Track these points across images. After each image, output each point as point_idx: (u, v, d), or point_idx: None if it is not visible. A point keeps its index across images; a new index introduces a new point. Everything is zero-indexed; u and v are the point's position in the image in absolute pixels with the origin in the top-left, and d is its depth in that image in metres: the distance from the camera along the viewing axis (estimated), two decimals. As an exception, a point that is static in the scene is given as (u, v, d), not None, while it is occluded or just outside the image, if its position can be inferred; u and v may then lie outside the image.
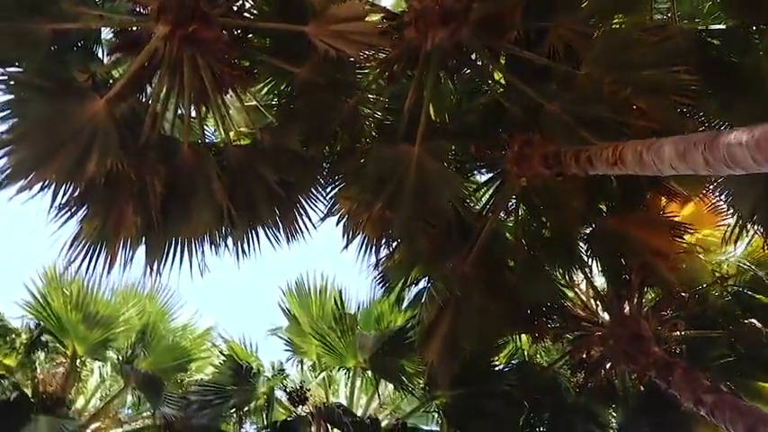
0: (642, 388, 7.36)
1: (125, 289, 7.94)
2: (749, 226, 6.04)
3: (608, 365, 7.33)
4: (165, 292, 8.35)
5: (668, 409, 6.94)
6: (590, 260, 7.30)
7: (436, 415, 7.84)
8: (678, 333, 6.97)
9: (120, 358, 7.59)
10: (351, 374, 7.89)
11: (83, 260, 5.45)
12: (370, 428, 6.97)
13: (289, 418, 7.33)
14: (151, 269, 5.64)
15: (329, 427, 7.14)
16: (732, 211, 6.18)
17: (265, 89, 6.71)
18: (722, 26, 6.38)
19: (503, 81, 6.85)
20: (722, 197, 6.17)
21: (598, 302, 7.55)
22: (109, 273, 5.48)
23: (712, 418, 5.34)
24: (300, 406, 7.22)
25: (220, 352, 7.67)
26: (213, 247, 6.08)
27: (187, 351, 8.06)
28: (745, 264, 7.32)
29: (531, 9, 6.08)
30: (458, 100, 7.08)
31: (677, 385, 5.65)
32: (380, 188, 5.88)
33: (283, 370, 7.65)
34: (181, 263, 5.83)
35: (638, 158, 3.92)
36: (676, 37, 5.85)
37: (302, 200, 6.16)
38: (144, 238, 5.71)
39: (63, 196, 5.26)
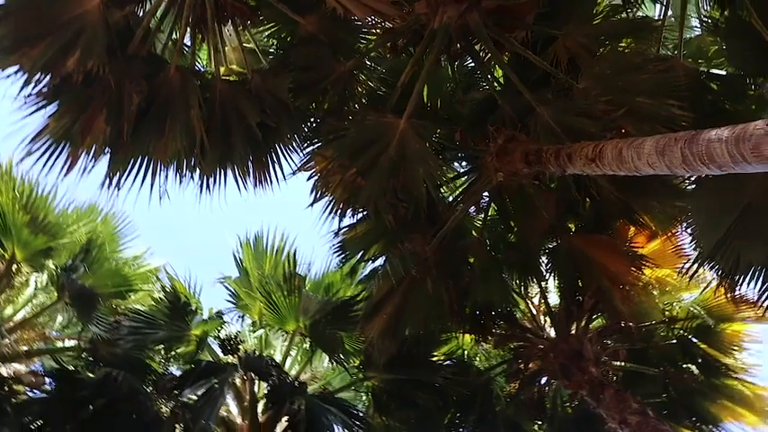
0: (570, 411, 7.50)
1: (79, 206, 7.82)
2: (707, 268, 6.18)
3: (543, 381, 7.44)
4: (121, 219, 8.25)
5: (592, 432, 7.09)
6: (548, 274, 7.42)
7: (365, 396, 7.87)
8: (618, 362, 7.10)
9: (60, 270, 7.43)
10: (288, 339, 7.87)
11: (41, 157, 5.34)
12: (296, 390, 6.96)
13: (214, 361, 7.26)
14: (110, 182, 5.55)
15: (254, 378, 7.12)
16: (695, 248, 6.30)
17: (266, 33, 6.68)
18: (723, 72, 6.52)
19: (501, 79, 6.95)
20: (688, 231, 6.25)
21: (547, 318, 7.66)
22: (66, 175, 5.37)
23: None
24: (230, 356, 7.17)
25: (162, 287, 7.57)
26: (179, 176, 6.02)
27: (129, 280, 7.96)
28: (695, 309, 7.48)
29: (546, 14, 6.18)
30: (453, 89, 7.14)
31: (607, 404, 5.78)
32: (359, 153, 5.88)
33: (222, 316, 7.59)
34: (142, 184, 5.74)
35: (617, 155, 3.99)
36: (678, 72, 6.01)
37: (278, 148, 6.15)
38: (110, 150, 5.62)
39: (35, 86, 5.15)
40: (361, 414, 7.50)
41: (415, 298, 6.40)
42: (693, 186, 6.14)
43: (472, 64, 7.26)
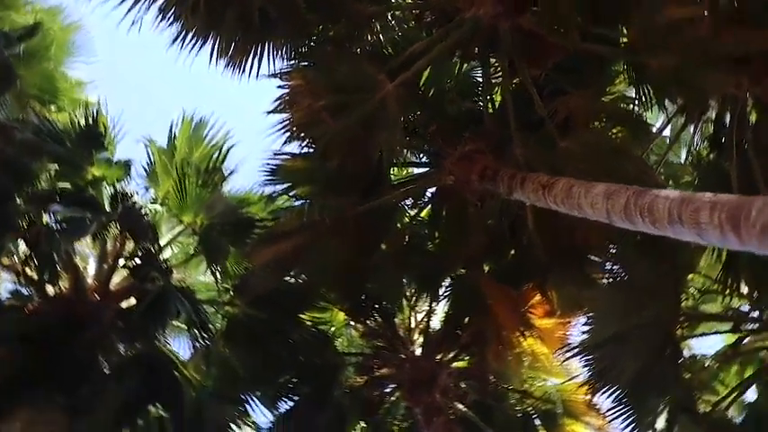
0: (397, 424, 7.62)
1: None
2: (580, 363, 6.43)
3: (388, 389, 7.53)
4: (84, 38, 7.91)
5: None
6: (443, 298, 7.56)
7: (221, 320, 7.75)
8: (461, 405, 7.28)
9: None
10: (179, 230, 7.67)
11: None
12: (162, 272, 6.80)
13: (97, 200, 6.95)
14: None
15: (126, 241, 6.92)
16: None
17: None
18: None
19: (497, 103, 7.04)
20: (582, 323, 6.49)
21: (421, 336, 7.77)
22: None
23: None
24: (118, 204, 6.90)
25: (86, 115, 7.22)
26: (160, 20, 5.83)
27: (58, 92, 7.61)
28: (551, 394, 7.75)
29: (568, 66, 6.30)
30: (451, 86, 7.17)
31: (434, 430, 5.91)
32: (337, 92, 5.84)
33: (129, 168, 7.31)
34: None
35: (568, 188, 4.12)
36: (648, 182, 6.27)
37: (267, 45, 6.04)
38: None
39: None
40: (210, 333, 7.38)
41: (316, 249, 6.38)
42: (609, 282, 6.39)
43: (479, 76, 7.34)
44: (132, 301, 7.12)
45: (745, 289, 6.31)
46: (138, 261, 6.87)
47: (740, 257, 6.15)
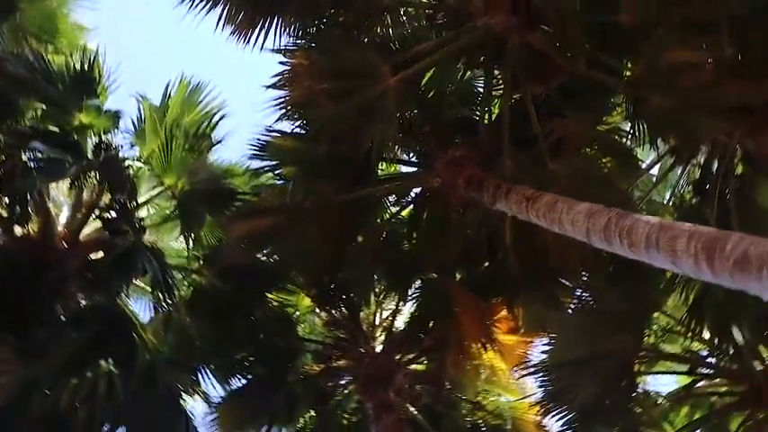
0: (347, 416, 7.64)
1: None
2: (536, 383, 6.50)
3: (341, 381, 7.54)
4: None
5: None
6: (411, 300, 7.59)
7: (186, 287, 7.70)
8: (414, 407, 7.32)
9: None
10: (158, 191, 7.60)
11: None
12: (136, 229, 6.72)
13: (79, 143, 6.82)
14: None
15: (103, 192, 6.83)
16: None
17: None
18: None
19: (494, 116, 7.09)
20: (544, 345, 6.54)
21: (383, 334, 7.79)
22: None
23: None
24: (100, 153, 6.79)
25: (82, 59, 7.10)
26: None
27: (57, 32, 7.49)
28: (503, 411, 7.83)
29: (570, 89, 6.37)
30: (451, 91, 7.21)
31: (384, 426, 5.94)
32: (339, 77, 5.85)
33: (118, 120, 7.20)
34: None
35: (552, 203, 4.16)
36: (637, 208, 6.38)
37: (276, 19, 6.03)
38: None
39: None
40: (173, 299, 7.32)
41: (292, 231, 6.37)
42: (576, 307, 6.46)
43: (480, 86, 7.39)
44: (100, 254, 7.03)
45: (706, 334, 6.41)
46: (112, 214, 6.79)
47: (706, 302, 6.26)
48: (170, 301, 7.35)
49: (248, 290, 7.22)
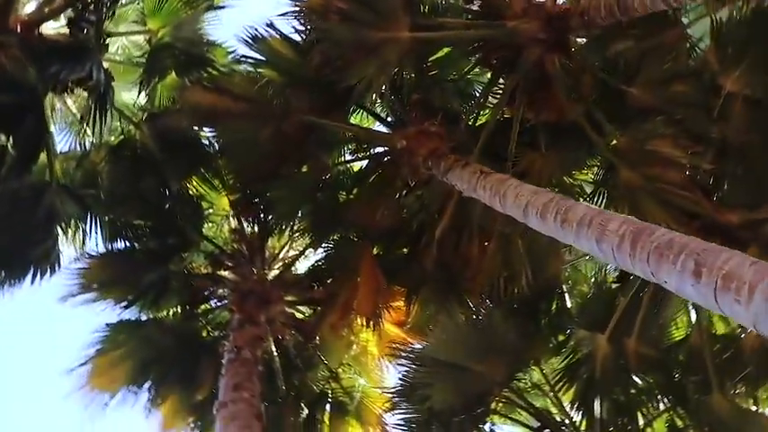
0: (209, 329, 7.54)
1: None
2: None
3: (221, 290, 7.43)
4: None
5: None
6: (322, 250, 7.58)
7: (118, 132, 7.45)
8: (275, 346, 7.30)
9: None
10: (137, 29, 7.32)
11: None
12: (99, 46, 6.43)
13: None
14: None
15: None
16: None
17: None
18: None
19: (482, 120, 7.18)
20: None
21: (281, 265, 7.73)
22: None
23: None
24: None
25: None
26: None
27: None
28: (353, 390, 7.90)
29: (557, 124, 6.51)
30: (454, 79, 7.28)
31: (241, 335, 5.92)
32: (359, 5, 5.76)
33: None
34: None
35: (501, 181, 4.24)
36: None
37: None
38: None
39: None
40: (98, 138, 7.06)
41: (247, 125, 6.33)
42: (466, 322, 6.55)
43: (479, 90, 7.48)
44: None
45: (569, 397, 6.61)
46: (80, 24, 6.43)
47: (579, 374, 6.46)
48: (92, 140, 7.12)
49: (175, 163, 7.04)
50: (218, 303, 7.56)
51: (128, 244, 7.30)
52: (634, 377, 6.29)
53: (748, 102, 6.23)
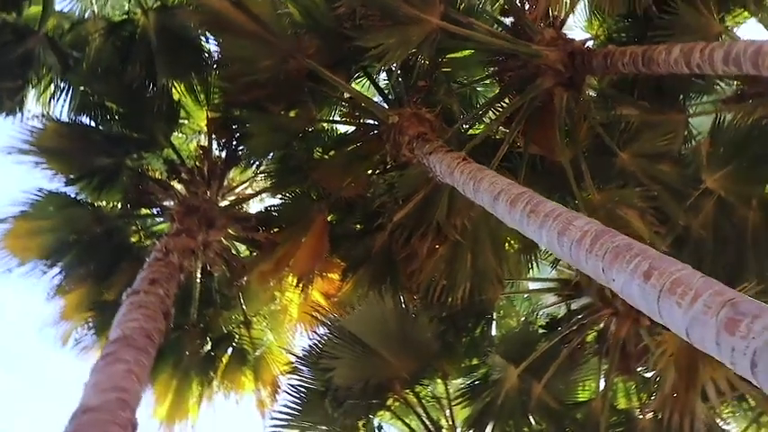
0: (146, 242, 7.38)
1: None
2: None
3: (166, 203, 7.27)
4: None
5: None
6: (279, 198, 7.52)
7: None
8: (200, 272, 7.18)
9: None
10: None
11: None
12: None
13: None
14: None
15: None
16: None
17: None
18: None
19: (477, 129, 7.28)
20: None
21: (233, 204, 7.62)
22: None
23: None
24: None
25: None
26: None
27: None
28: (260, 343, 7.86)
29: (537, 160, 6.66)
30: (462, 80, 7.34)
31: (178, 243, 5.81)
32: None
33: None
34: None
35: (480, 170, 4.29)
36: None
37: None
38: None
39: None
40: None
41: (252, 48, 6.14)
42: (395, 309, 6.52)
43: (483, 99, 7.59)
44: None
45: (463, 414, 6.68)
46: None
47: (481, 393, 6.53)
48: (95, 11, 6.89)
49: (169, 60, 6.87)
50: (160, 213, 7.39)
51: (92, 123, 7.08)
52: (530, 418, 6.37)
53: (721, 203, 6.52)
